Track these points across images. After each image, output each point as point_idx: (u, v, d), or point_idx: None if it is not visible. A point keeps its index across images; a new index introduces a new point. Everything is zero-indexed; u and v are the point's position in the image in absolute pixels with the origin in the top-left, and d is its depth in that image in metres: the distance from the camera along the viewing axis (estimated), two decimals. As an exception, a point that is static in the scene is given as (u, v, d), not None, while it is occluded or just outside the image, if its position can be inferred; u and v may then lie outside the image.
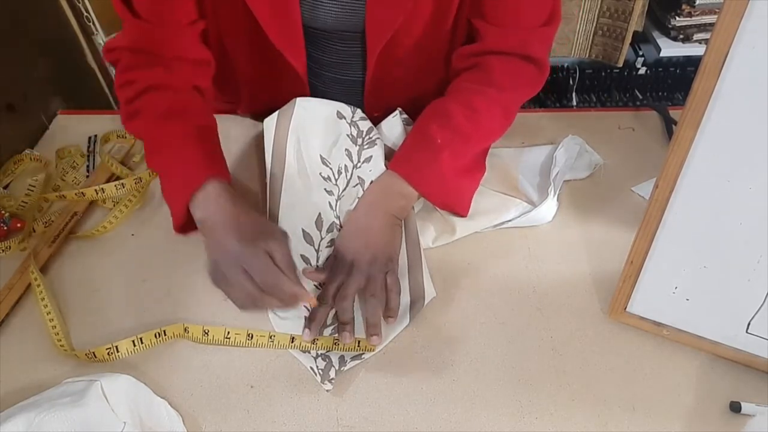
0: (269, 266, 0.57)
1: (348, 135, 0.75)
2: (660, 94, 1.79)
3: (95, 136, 0.89)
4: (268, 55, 0.74)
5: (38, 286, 0.67)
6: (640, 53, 1.73)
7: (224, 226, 0.60)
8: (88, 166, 0.85)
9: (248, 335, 0.63)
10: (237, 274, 0.57)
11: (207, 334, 0.63)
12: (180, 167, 0.65)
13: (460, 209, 0.72)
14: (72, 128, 0.92)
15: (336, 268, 0.66)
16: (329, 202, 0.72)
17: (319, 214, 0.72)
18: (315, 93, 0.81)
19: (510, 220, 0.74)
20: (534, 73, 0.74)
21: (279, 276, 0.57)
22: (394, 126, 0.77)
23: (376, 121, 0.78)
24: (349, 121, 0.76)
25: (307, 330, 0.62)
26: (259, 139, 0.78)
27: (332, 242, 0.70)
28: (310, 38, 0.74)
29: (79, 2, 1.08)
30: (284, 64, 0.75)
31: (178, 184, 0.65)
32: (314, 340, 0.62)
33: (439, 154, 0.69)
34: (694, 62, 1.72)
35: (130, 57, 0.70)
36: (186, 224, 0.66)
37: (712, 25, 1.37)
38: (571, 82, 1.78)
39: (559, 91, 1.81)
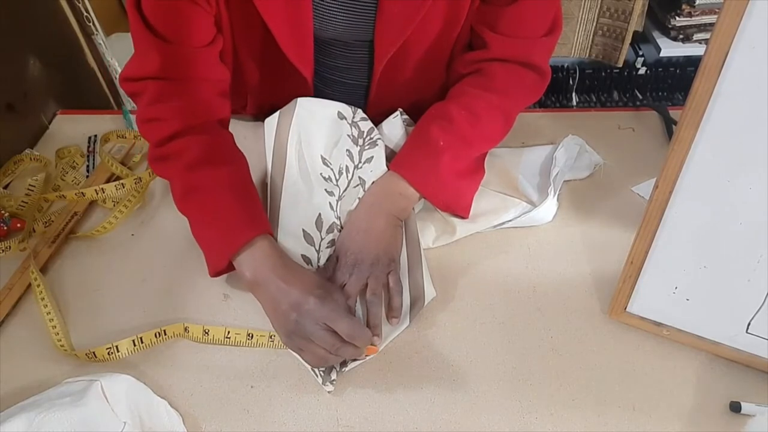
0: (327, 338, 0.57)
1: (349, 135, 0.75)
2: (660, 94, 1.79)
3: (95, 136, 0.89)
4: (277, 62, 0.74)
5: (38, 286, 0.67)
6: (640, 53, 1.74)
7: (278, 296, 0.59)
8: (88, 166, 0.85)
9: (248, 335, 0.63)
10: (319, 329, 0.57)
11: (207, 333, 0.63)
12: (219, 222, 0.63)
13: (460, 210, 0.72)
14: (72, 128, 0.92)
15: (338, 269, 0.66)
16: (330, 203, 0.72)
17: (319, 214, 0.72)
18: (319, 96, 0.81)
19: (510, 220, 0.74)
20: (535, 80, 0.75)
21: (360, 326, 0.58)
22: (394, 126, 0.77)
23: (376, 123, 0.78)
24: (350, 122, 0.76)
25: None
26: (260, 139, 0.78)
27: (332, 242, 0.70)
28: (318, 45, 0.74)
29: (79, 2, 1.08)
30: (291, 70, 0.75)
31: (217, 238, 0.64)
32: None
33: (440, 157, 0.69)
34: (694, 62, 1.72)
35: (155, 88, 0.67)
36: (223, 271, 0.65)
37: (712, 25, 1.37)
38: (571, 82, 1.78)
39: (559, 91, 1.81)
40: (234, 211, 0.64)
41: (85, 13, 1.09)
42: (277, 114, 0.77)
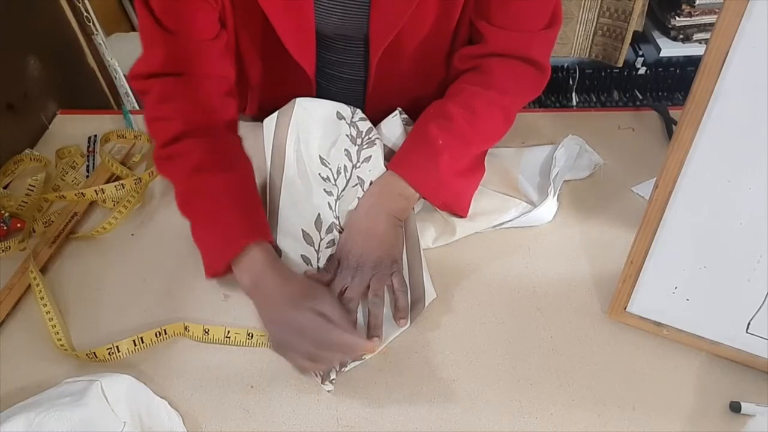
0: (320, 323, 0.57)
1: (347, 135, 0.75)
2: (660, 94, 1.80)
3: (95, 136, 0.89)
4: (279, 59, 0.74)
5: (38, 285, 0.67)
6: (640, 53, 1.74)
7: (274, 293, 0.60)
8: (88, 166, 0.85)
9: (248, 335, 0.63)
10: (294, 338, 0.58)
11: (207, 333, 0.63)
12: (220, 226, 0.64)
13: (459, 210, 0.72)
14: (72, 128, 0.92)
15: (340, 272, 0.66)
16: (328, 203, 0.72)
17: (319, 214, 0.72)
18: (319, 89, 0.81)
19: (510, 220, 0.74)
20: (535, 76, 0.74)
21: (332, 330, 0.57)
22: (393, 126, 0.77)
23: (376, 120, 0.78)
24: (348, 122, 0.76)
25: None
26: (259, 139, 0.78)
27: (332, 243, 0.70)
28: (320, 41, 0.75)
29: (79, 2, 1.08)
30: (294, 66, 0.75)
31: (218, 242, 0.64)
32: None
33: (439, 156, 0.69)
34: (694, 62, 1.72)
35: (161, 85, 0.67)
36: (219, 275, 0.66)
37: (712, 25, 1.37)
38: (571, 82, 1.78)
39: (559, 91, 1.81)
40: (233, 217, 0.64)
41: (85, 13, 1.09)
42: (275, 114, 0.77)
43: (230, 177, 0.67)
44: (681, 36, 1.61)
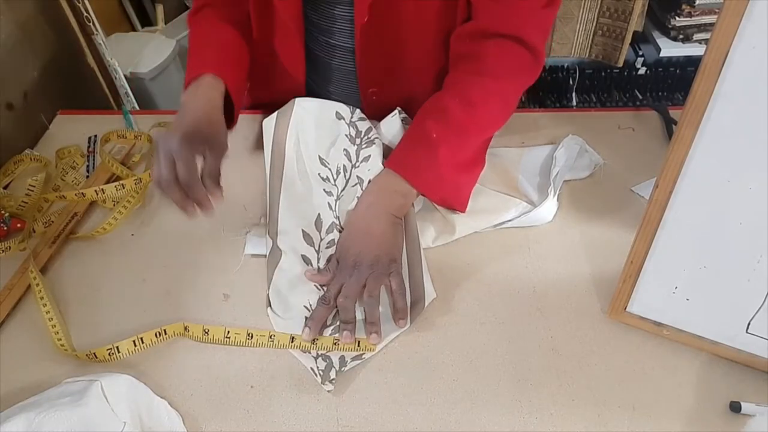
0: (192, 167, 0.62)
1: (347, 135, 0.75)
2: (660, 94, 1.80)
3: (95, 136, 0.89)
4: (268, 20, 0.79)
5: (37, 285, 0.67)
6: (640, 53, 1.74)
7: (186, 115, 0.68)
8: (88, 166, 0.85)
9: (248, 335, 0.63)
10: (166, 158, 0.62)
11: (207, 333, 0.63)
12: (196, 57, 0.76)
13: (458, 205, 0.72)
14: (72, 128, 0.92)
15: (338, 271, 0.66)
16: (328, 203, 0.72)
17: (319, 214, 0.72)
18: (313, 59, 0.82)
19: (510, 220, 0.74)
20: (529, 60, 0.73)
21: (195, 179, 0.62)
22: (392, 125, 0.77)
23: (373, 105, 0.77)
24: (347, 122, 0.76)
25: (307, 329, 0.62)
26: (258, 139, 0.79)
27: (332, 243, 0.70)
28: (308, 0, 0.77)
29: (79, 2, 1.08)
30: (283, 27, 0.78)
31: (190, 67, 0.75)
32: (314, 339, 0.62)
33: (436, 150, 0.69)
34: (694, 62, 1.72)
35: None
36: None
37: (712, 25, 1.37)
38: (571, 82, 1.78)
39: (559, 91, 1.81)
40: (210, 54, 0.76)
41: (85, 14, 1.09)
42: (275, 114, 0.77)
43: (232, 36, 0.79)
44: (681, 36, 1.61)
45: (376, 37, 0.75)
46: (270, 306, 0.66)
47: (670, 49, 1.61)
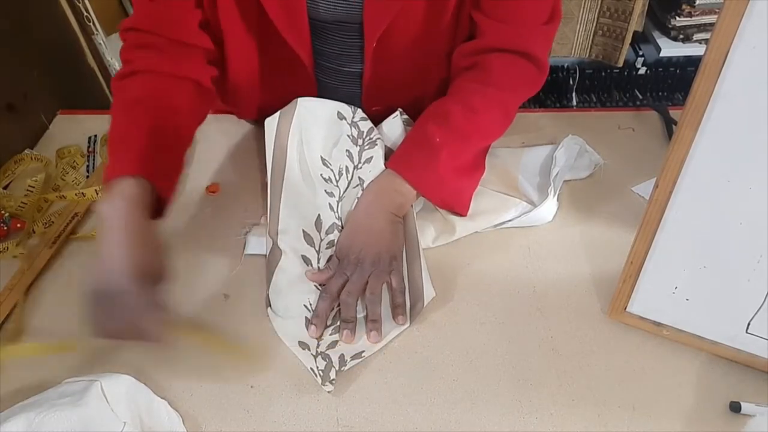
0: (150, 316, 0.54)
1: (349, 136, 0.75)
2: (660, 94, 1.79)
3: (95, 136, 0.89)
4: (276, 50, 0.74)
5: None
6: (640, 53, 1.73)
7: (119, 244, 0.56)
8: (88, 166, 0.85)
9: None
10: (110, 308, 0.54)
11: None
12: (114, 155, 0.63)
13: (459, 208, 0.72)
14: (72, 128, 0.92)
15: (339, 269, 0.66)
16: (330, 204, 0.72)
17: (319, 215, 0.72)
18: (318, 85, 0.81)
19: (510, 220, 0.74)
20: (533, 73, 0.74)
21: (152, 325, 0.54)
22: (394, 126, 0.77)
23: (375, 117, 0.78)
24: (349, 122, 0.76)
25: (312, 326, 0.63)
26: (260, 138, 0.78)
27: (332, 243, 0.70)
28: (313, 29, 0.75)
29: (79, 2, 1.08)
30: (290, 57, 0.75)
31: (108, 169, 0.62)
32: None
33: (437, 153, 0.69)
34: (694, 62, 1.72)
35: (134, 36, 0.70)
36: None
37: (712, 25, 1.37)
38: (571, 82, 1.78)
39: (559, 91, 1.81)
40: (131, 151, 0.62)
41: (85, 13, 1.09)
42: (277, 115, 0.77)
43: (156, 119, 0.65)
44: (681, 36, 1.61)
45: (384, 62, 0.76)
46: (270, 306, 0.66)
47: (670, 49, 1.61)
